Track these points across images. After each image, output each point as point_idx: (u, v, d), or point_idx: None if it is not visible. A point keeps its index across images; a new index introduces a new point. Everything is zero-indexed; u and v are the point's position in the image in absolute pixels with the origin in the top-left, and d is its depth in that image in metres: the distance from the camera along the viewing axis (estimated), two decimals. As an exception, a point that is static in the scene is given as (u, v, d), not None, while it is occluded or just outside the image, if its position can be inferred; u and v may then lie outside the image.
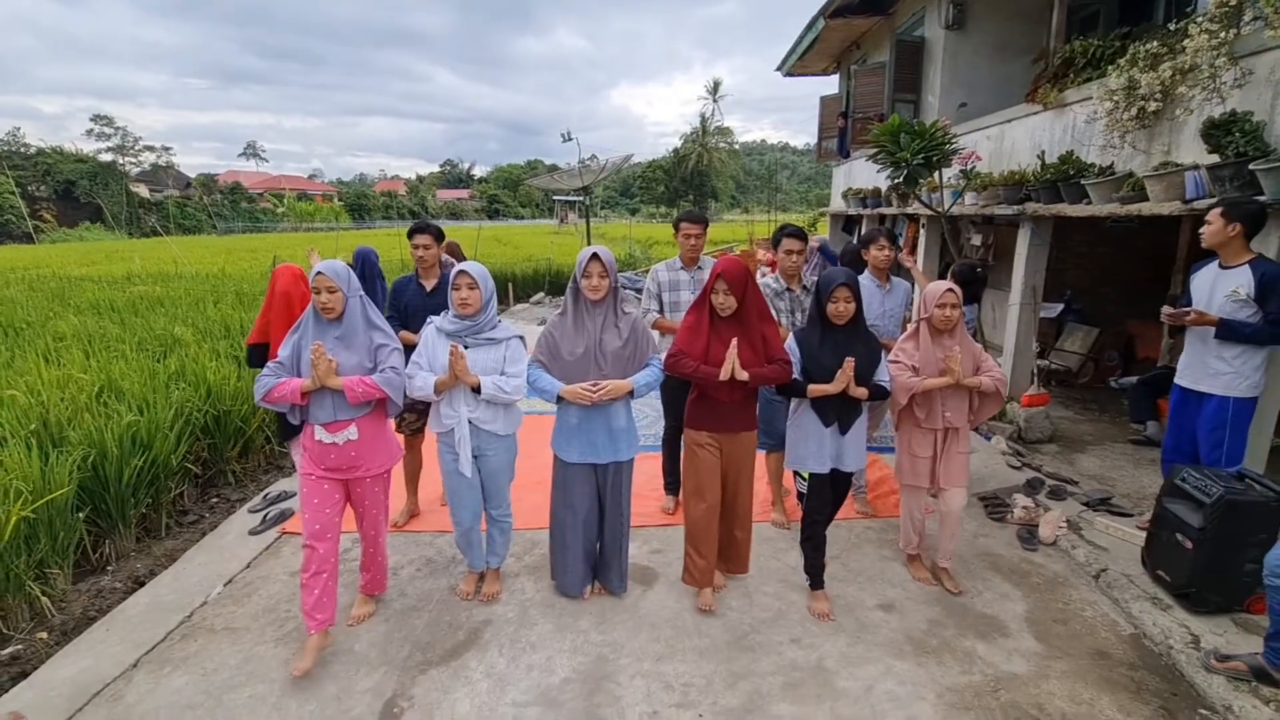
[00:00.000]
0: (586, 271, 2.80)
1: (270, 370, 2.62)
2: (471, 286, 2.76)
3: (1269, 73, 3.21)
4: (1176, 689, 2.55)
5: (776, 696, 2.50)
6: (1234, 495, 2.74)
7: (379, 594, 3.07)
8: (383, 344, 2.73)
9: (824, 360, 2.85)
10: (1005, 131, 5.75)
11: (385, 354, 2.71)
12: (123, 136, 53.83)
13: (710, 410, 2.89)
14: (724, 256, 3.21)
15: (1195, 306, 3.17)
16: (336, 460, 2.68)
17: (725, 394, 2.81)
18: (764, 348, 2.82)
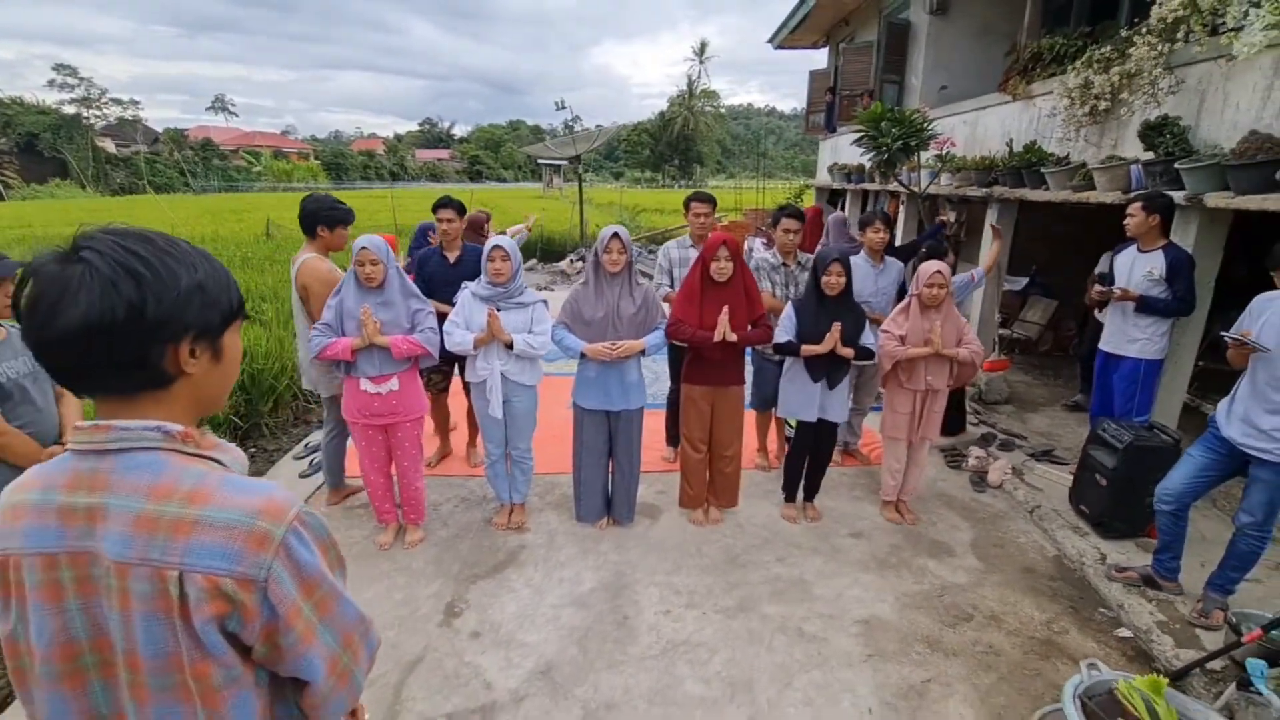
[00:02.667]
0: (607, 248, 3.26)
1: (320, 331, 3.07)
2: (505, 259, 3.21)
3: (1197, 83, 3.71)
4: (1084, 594, 3.18)
5: (765, 600, 3.08)
6: (1141, 442, 3.35)
7: (421, 522, 3.56)
8: (419, 308, 3.20)
9: (817, 326, 3.38)
10: (980, 118, 6.21)
11: (422, 317, 3.19)
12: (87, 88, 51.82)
13: (704, 367, 3.44)
14: (716, 231, 3.68)
15: (1118, 284, 3.73)
16: (379, 408, 3.17)
17: (717, 353, 3.34)
18: (749, 309, 3.37)
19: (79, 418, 2.43)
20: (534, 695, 2.49)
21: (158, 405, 0.85)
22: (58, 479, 0.83)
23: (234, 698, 0.84)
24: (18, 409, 2.19)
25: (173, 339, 0.82)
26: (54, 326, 0.76)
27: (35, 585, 0.82)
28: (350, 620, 0.93)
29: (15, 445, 2.16)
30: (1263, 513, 2.66)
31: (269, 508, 0.83)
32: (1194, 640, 2.77)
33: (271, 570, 0.81)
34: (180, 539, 0.79)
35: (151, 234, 0.84)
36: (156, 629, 0.80)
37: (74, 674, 0.84)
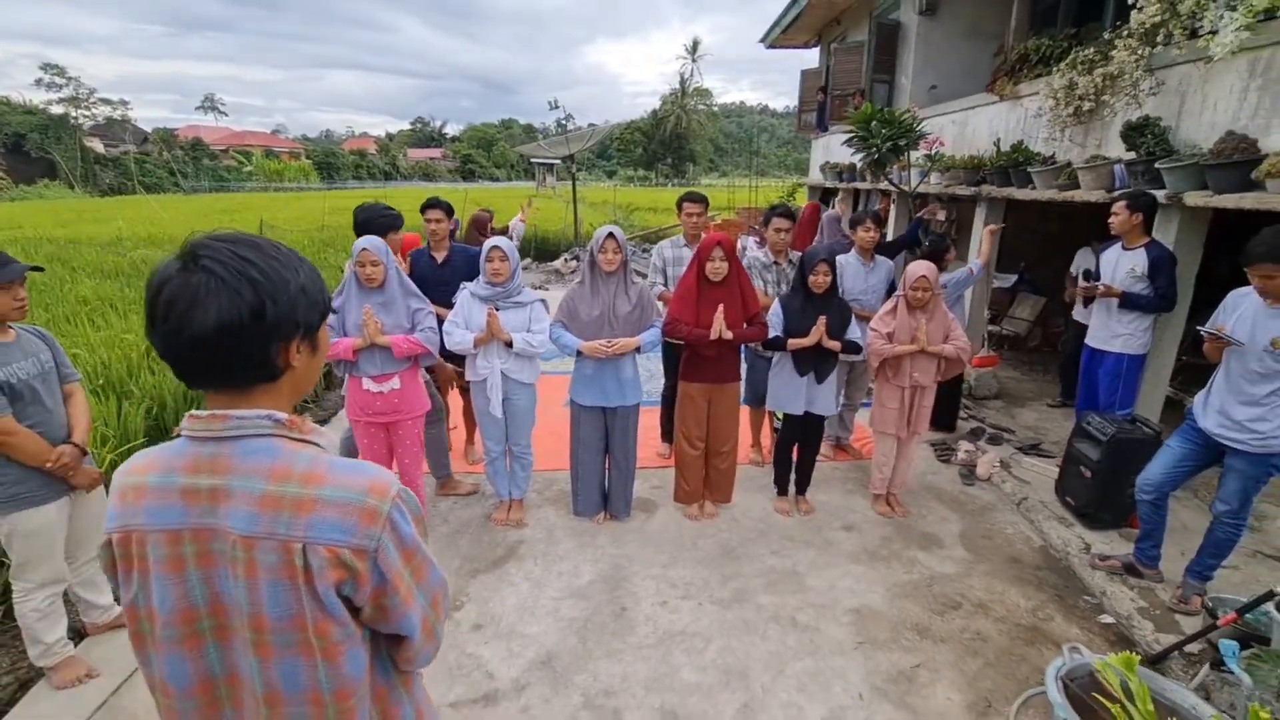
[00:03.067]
0: (603, 247, 3.32)
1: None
2: (503, 259, 3.26)
3: (1177, 84, 3.80)
4: (1069, 582, 3.28)
5: (759, 591, 3.16)
6: (1124, 435, 3.44)
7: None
8: (419, 308, 3.25)
9: (803, 322, 3.47)
10: (969, 117, 6.30)
11: (422, 316, 3.23)
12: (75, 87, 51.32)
13: (701, 365, 3.51)
14: (710, 230, 3.75)
15: (1103, 281, 3.82)
16: (381, 407, 3.22)
17: (714, 351, 3.41)
18: (744, 308, 3.44)
19: (86, 419, 2.48)
20: (535, 684, 2.56)
21: (267, 396, 0.94)
22: (177, 463, 0.92)
23: (348, 652, 0.94)
24: (28, 409, 2.24)
25: (286, 338, 0.92)
26: (189, 331, 0.85)
27: (159, 559, 0.91)
28: (437, 583, 1.04)
29: (26, 444, 2.21)
30: (1237, 501, 2.75)
31: (375, 487, 0.93)
32: (1173, 625, 2.86)
33: (380, 541, 0.92)
34: (303, 515, 0.88)
35: (258, 240, 0.92)
36: (282, 594, 0.89)
37: (192, 637, 0.93)
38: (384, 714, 1.04)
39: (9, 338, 2.25)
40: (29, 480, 2.25)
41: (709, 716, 2.43)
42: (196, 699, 0.95)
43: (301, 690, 0.93)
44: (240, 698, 0.96)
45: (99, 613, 2.73)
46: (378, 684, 1.03)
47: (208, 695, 0.96)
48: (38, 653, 2.44)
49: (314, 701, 0.94)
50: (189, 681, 0.94)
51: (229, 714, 0.97)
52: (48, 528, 2.32)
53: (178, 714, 0.96)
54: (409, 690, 1.10)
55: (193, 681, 0.95)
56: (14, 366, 2.22)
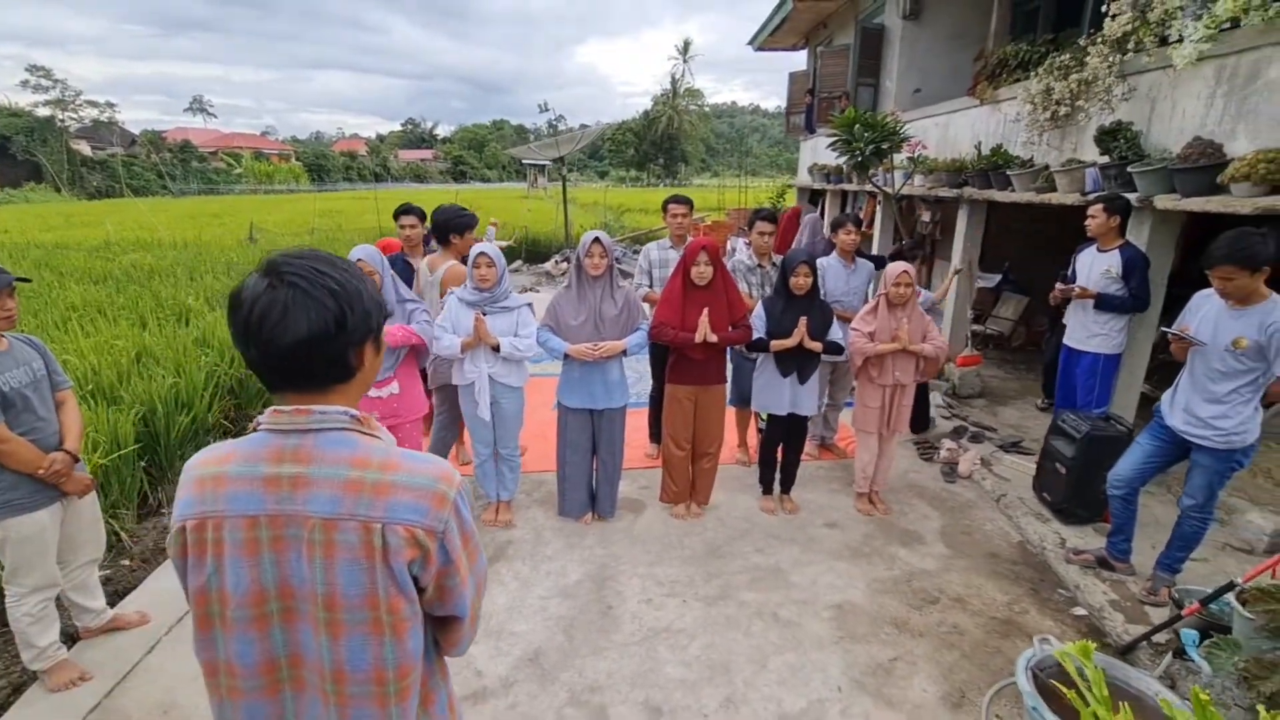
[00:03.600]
0: (589, 252, 3.38)
1: None
2: (490, 265, 3.31)
3: (1148, 90, 3.90)
4: (1044, 576, 3.37)
5: (743, 587, 3.23)
6: (1097, 432, 3.53)
7: None
8: (414, 308, 3.28)
9: (785, 324, 3.55)
10: (951, 120, 6.40)
11: (418, 314, 3.27)
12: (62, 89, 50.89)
13: (687, 367, 3.57)
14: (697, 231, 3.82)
15: (1079, 283, 3.92)
16: (381, 412, 3.25)
17: (700, 353, 3.48)
18: (729, 311, 3.51)
19: (78, 426, 2.51)
20: (522, 681, 2.62)
21: (341, 395, 1.04)
22: (260, 453, 1.00)
23: (413, 629, 1.03)
24: (20, 417, 2.28)
25: (360, 343, 1.02)
26: (282, 340, 0.94)
27: (235, 543, 0.98)
28: (483, 569, 1.14)
29: (19, 452, 2.25)
30: (1203, 496, 2.84)
31: (444, 475, 1.03)
32: (1143, 616, 2.95)
33: (448, 524, 1.02)
34: (382, 498, 0.98)
35: (330, 256, 1.03)
36: (359, 573, 0.97)
37: (261, 618, 1.01)
38: (424, 699, 1.12)
39: (1, 347, 2.29)
40: (21, 487, 2.29)
41: (692, 710, 2.49)
42: (260, 678, 1.02)
43: (367, 668, 1.00)
44: (301, 677, 1.03)
45: (92, 616, 2.77)
46: (424, 669, 1.10)
47: (270, 675, 1.03)
48: (31, 656, 2.48)
49: (378, 680, 1.01)
50: (255, 661, 1.02)
51: (288, 694, 1.04)
52: (40, 534, 2.36)
53: (242, 693, 1.03)
54: (445, 678, 1.19)
55: (259, 661, 1.02)
56: (6, 375, 2.26)
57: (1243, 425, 2.69)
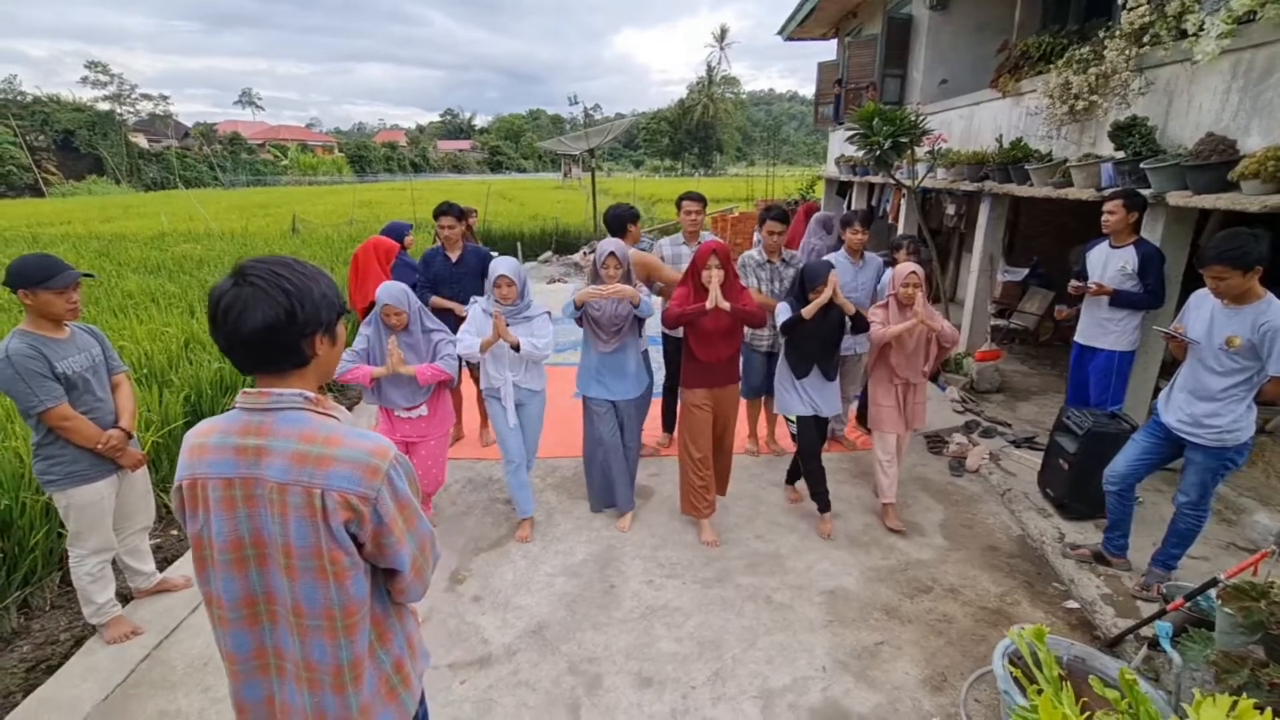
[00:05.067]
0: (605, 264, 3.46)
1: (349, 356, 3.29)
2: (510, 285, 3.38)
3: (1165, 84, 3.85)
4: (1041, 570, 3.42)
5: (740, 572, 3.37)
6: (1099, 428, 3.55)
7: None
8: (440, 339, 3.43)
9: (806, 327, 3.44)
10: (974, 112, 6.33)
11: (443, 346, 3.41)
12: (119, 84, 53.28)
13: (702, 370, 3.52)
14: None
15: (1092, 279, 3.90)
16: (409, 431, 3.45)
17: (713, 354, 3.46)
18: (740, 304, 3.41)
19: (131, 406, 2.80)
20: (525, 650, 2.82)
21: (299, 379, 1.23)
22: (232, 427, 1.20)
23: (353, 577, 1.22)
24: (82, 398, 2.56)
25: (312, 333, 1.20)
26: (242, 329, 1.14)
27: (216, 500, 1.19)
28: (425, 533, 1.32)
29: (81, 428, 2.53)
30: (1197, 493, 2.86)
31: (377, 450, 1.21)
32: (1134, 611, 2.99)
33: (380, 492, 1.19)
34: (323, 468, 1.16)
35: (289, 260, 1.22)
36: (305, 528, 1.17)
37: (239, 561, 1.21)
38: (380, 637, 1.33)
39: (64, 335, 2.57)
40: (83, 460, 2.58)
41: (681, 682, 2.65)
42: (242, 610, 1.24)
43: (319, 605, 1.22)
44: (275, 611, 1.24)
45: (143, 579, 3.07)
46: (376, 612, 1.31)
47: (250, 608, 1.24)
48: (90, 611, 2.79)
49: (327, 615, 1.22)
50: (236, 596, 1.23)
51: (266, 624, 1.26)
52: (99, 501, 2.65)
53: (228, 621, 1.25)
54: (401, 620, 1.40)
55: (239, 596, 1.23)
56: (69, 360, 2.54)
57: (1235, 424, 2.71)
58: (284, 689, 1.28)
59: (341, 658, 1.24)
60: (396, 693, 1.35)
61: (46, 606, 3.13)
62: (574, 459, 4.49)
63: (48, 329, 2.52)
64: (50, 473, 2.55)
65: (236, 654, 1.27)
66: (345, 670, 1.25)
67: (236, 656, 1.27)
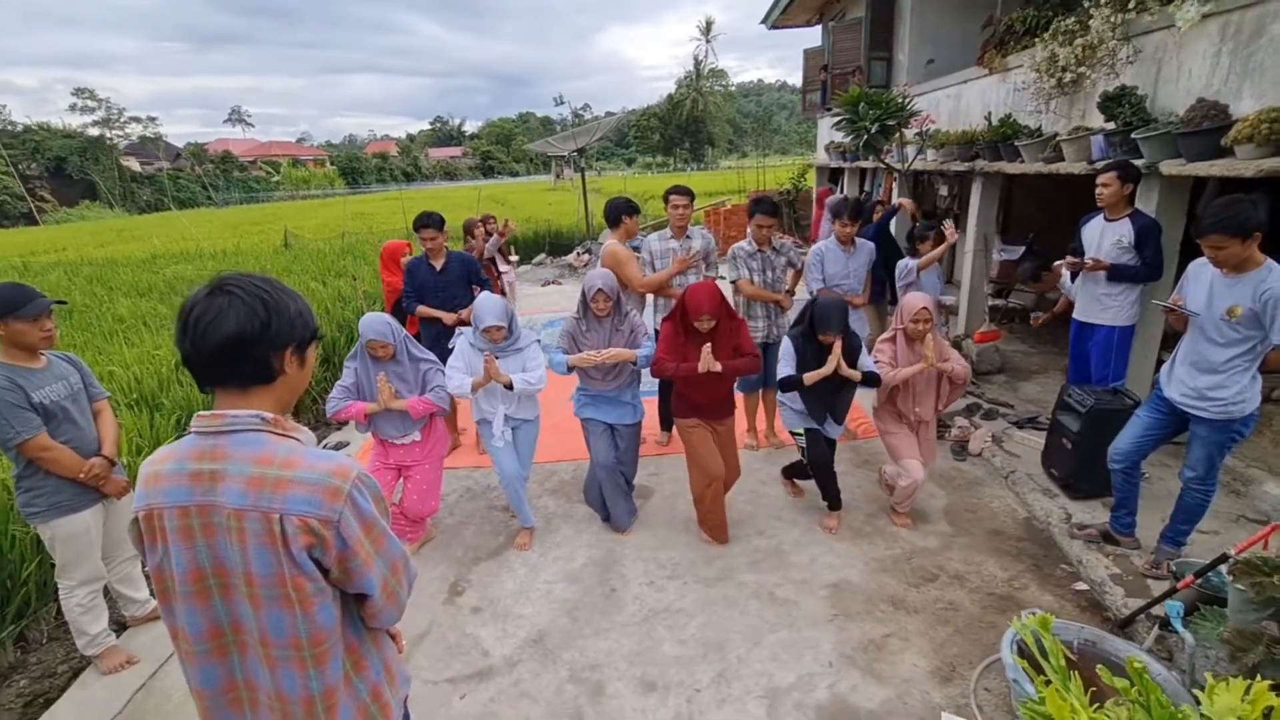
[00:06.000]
0: (594, 298, 3.36)
1: (339, 393, 3.25)
2: (499, 328, 3.27)
3: (1153, 52, 3.78)
4: (1048, 552, 3.36)
5: (743, 569, 3.32)
6: (1101, 405, 3.49)
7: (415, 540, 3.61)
8: (428, 368, 3.36)
9: (814, 366, 3.27)
10: (962, 91, 6.26)
11: (432, 375, 3.35)
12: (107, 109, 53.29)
13: (693, 406, 3.38)
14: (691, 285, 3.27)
15: (1088, 254, 3.83)
16: (403, 457, 3.41)
17: (705, 396, 3.31)
18: (735, 343, 3.26)
19: (113, 433, 2.75)
20: (526, 660, 2.77)
21: (262, 397, 1.19)
22: (187, 452, 1.17)
23: (319, 604, 1.18)
24: (61, 426, 2.52)
25: (282, 348, 1.17)
26: (211, 337, 1.11)
27: (173, 529, 1.15)
28: (396, 554, 1.27)
29: (61, 458, 2.48)
30: (1203, 467, 2.80)
31: (338, 470, 1.16)
32: (1144, 591, 2.92)
33: (342, 514, 1.14)
34: (280, 492, 1.12)
35: (267, 278, 1.21)
36: (266, 555, 1.13)
37: (201, 592, 1.17)
38: (355, 665, 1.28)
39: (40, 364, 2.53)
40: (66, 490, 2.54)
41: (685, 685, 2.61)
42: (208, 643, 1.19)
43: (285, 635, 1.17)
44: (243, 641, 1.20)
45: (137, 606, 3.03)
46: (350, 639, 1.27)
47: (217, 640, 1.20)
48: (84, 643, 2.75)
49: (294, 645, 1.18)
50: (201, 628, 1.19)
51: (235, 655, 1.21)
52: (85, 532, 2.61)
53: (195, 656, 1.21)
54: (377, 646, 1.35)
55: (204, 628, 1.19)
56: (47, 390, 2.50)
57: (1240, 395, 2.64)
58: None
59: (313, 688, 1.20)
60: None
61: (43, 639, 3.10)
62: (572, 463, 4.45)
63: (22, 359, 2.47)
64: (33, 504, 2.51)
65: (205, 689, 1.22)
66: (317, 701, 1.20)
67: (206, 692, 1.23)
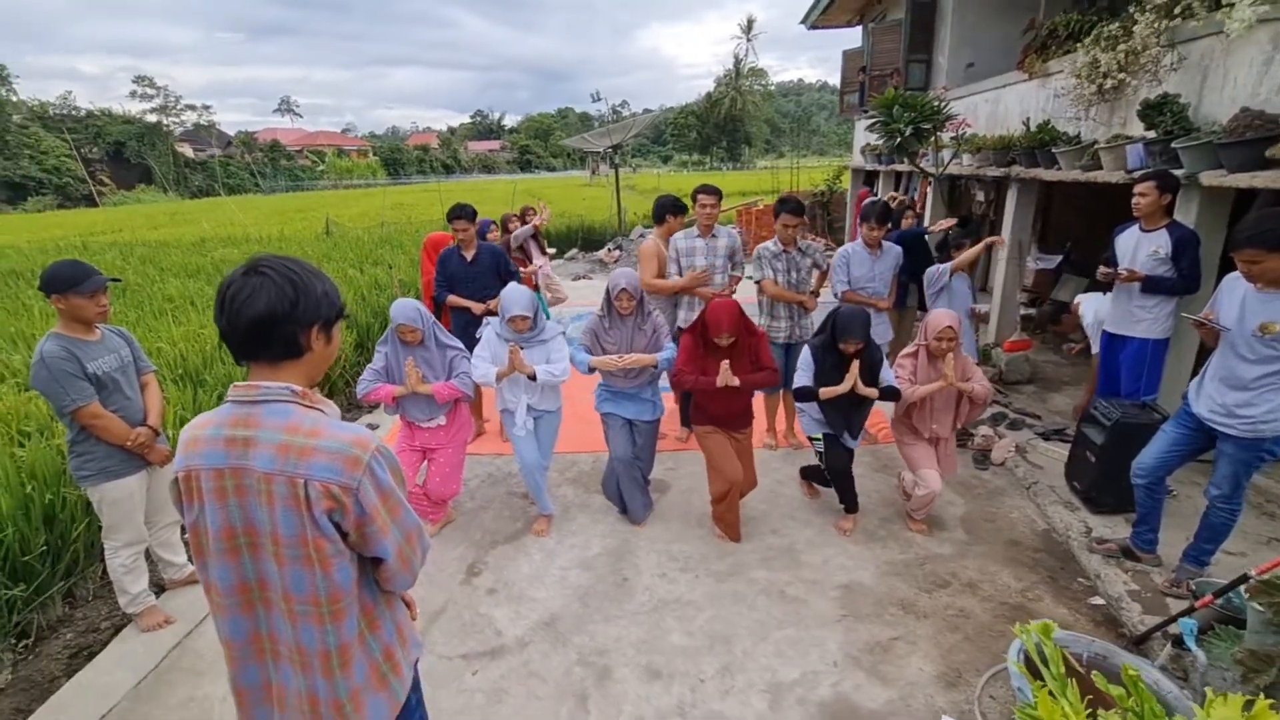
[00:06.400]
0: (617, 297, 3.43)
1: (370, 375, 3.38)
2: (524, 319, 3.38)
3: (1199, 59, 3.68)
4: (1065, 565, 3.31)
5: (755, 566, 3.35)
6: (1127, 419, 3.42)
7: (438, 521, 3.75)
8: (455, 354, 3.46)
9: (833, 377, 3.31)
10: (1001, 96, 6.14)
11: (459, 362, 3.45)
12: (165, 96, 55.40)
13: (712, 418, 3.44)
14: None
15: (1121, 265, 3.76)
16: (428, 440, 3.52)
17: (723, 408, 3.36)
18: (754, 357, 3.31)
19: (159, 405, 2.92)
20: (536, 641, 2.86)
21: (291, 371, 1.27)
22: (224, 419, 1.26)
23: (337, 565, 1.27)
24: (111, 396, 2.68)
25: (309, 326, 1.26)
26: (245, 315, 1.19)
27: (209, 490, 1.25)
28: (410, 524, 1.36)
29: (111, 426, 2.65)
30: (1229, 486, 2.74)
31: (359, 441, 1.25)
32: (1163, 609, 2.87)
33: (361, 482, 1.23)
34: (306, 459, 1.21)
35: (298, 260, 1.29)
36: (291, 517, 1.22)
37: (232, 549, 1.27)
38: (370, 625, 1.38)
39: (95, 337, 2.70)
40: (113, 456, 2.70)
41: (689, 675, 2.66)
42: (237, 596, 1.30)
43: (305, 592, 1.26)
44: (268, 597, 1.29)
45: (175, 570, 3.21)
46: (365, 601, 1.36)
47: (245, 595, 1.30)
48: (125, 601, 2.92)
49: (314, 602, 1.27)
50: (231, 582, 1.29)
51: (260, 610, 1.31)
52: (129, 496, 2.78)
53: (225, 608, 1.30)
54: (391, 609, 1.44)
55: (234, 582, 1.29)
56: (100, 361, 2.66)
57: (1270, 414, 2.58)
58: (280, 672, 1.33)
59: (329, 643, 1.29)
60: (386, 680, 1.39)
61: (89, 597, 3.30)
62: (592, 454, 4.53)
63: (79, 331, 2.64)
64: (84, 468, 2.68)
65: (234, 640, 1.32)
66: (333, 655, 1.30)
67: (234, 642, 1.33)
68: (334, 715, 1.32)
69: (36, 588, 3.00)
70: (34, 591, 2.99)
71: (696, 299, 4.31)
